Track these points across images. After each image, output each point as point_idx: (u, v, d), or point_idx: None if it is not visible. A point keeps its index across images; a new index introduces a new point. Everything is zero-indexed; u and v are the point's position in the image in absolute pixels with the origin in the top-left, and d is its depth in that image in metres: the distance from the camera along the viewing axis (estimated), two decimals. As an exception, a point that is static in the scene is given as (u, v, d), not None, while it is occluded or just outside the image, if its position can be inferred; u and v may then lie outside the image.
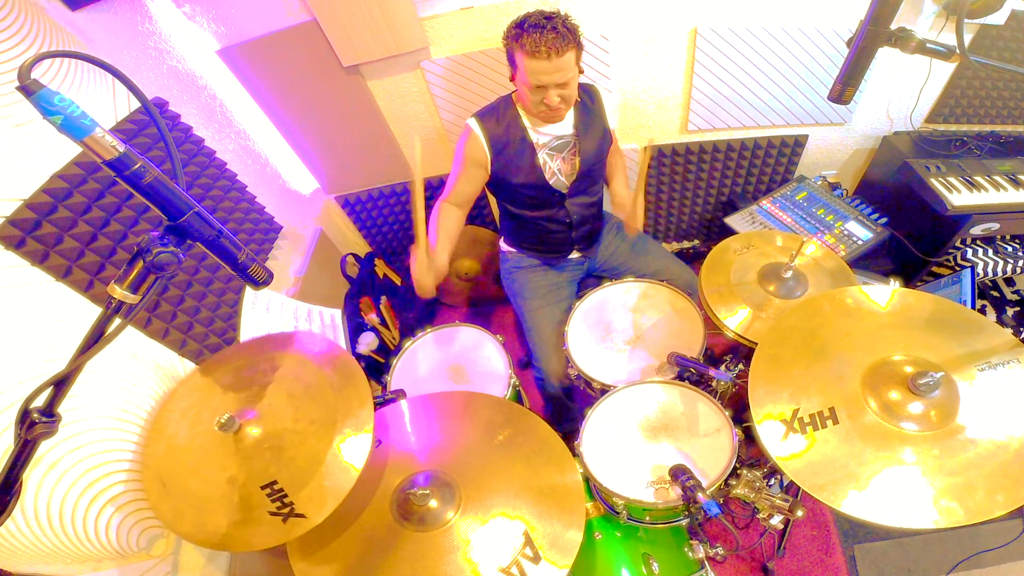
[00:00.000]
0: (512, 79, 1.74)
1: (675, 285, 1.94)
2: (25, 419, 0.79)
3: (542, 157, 1.86)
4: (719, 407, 1.54)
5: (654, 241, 2.21)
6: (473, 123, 1.83)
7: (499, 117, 1.82)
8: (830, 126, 2.48)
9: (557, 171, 1.90)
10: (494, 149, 1.83)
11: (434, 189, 2.74)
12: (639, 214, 1.85)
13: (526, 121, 1.82)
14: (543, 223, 2.02)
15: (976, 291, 2.00)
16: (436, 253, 1.76)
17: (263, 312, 1.70)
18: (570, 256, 2.17)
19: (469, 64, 2.19)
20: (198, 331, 1.73)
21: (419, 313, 2.96)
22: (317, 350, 1.46)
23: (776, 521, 1.40)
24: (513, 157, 1.84)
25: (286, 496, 1.20)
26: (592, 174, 1.97)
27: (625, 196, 2.00)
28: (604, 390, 1.68)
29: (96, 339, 0.80)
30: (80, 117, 0.69)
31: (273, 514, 1.19)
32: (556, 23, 1.55)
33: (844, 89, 1.25)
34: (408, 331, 2.58)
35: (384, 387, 1.83)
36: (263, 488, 1.21)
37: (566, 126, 1.86)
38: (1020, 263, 2.16)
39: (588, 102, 1.89)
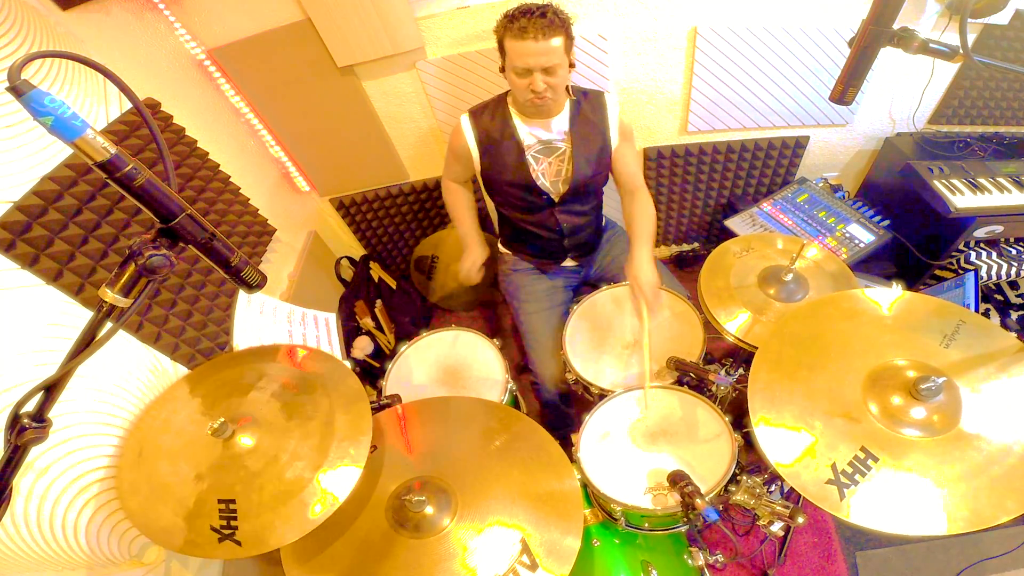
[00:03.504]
0: (502, 70, 1.72)
1: None
2: (15, 424, 0.77)
3: (528, 157, 1.84)
4: (718, 412, 1.53)
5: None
6: (464, 120, 1.86)
7: (492, 114, 1.83)
8: (831, 127, 2.46)
9: (541, 174, 1.87)
10: (481, 145, 1.85)
11: (431, 191, 2.74)
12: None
13: (516, 120, 1.81)
14: (535, 229, 2.01)
15: (980, 295, 1.98)
16: (469, 237, 2.12)
17: (256, 316, 1.68)
18: (564, 264, 2.16)
19: (465, 64, 2.17)
20: (191, 335, 1.72)
21: (414, 317, 2.94)
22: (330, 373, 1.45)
23: (777, 528, 1.38)
24: (501, 154, 1.84)
25: (235, 519, 1.18)
26: (586, 188, 1.92)
27: (645, 269, 1.81)
28: (602, 395, 1.67)
29: (87, 343, 0.79)
30: (71, 118, 0.67)
31: (213, 529, 1.17)
32: (546, 10, 1.58)
33: (846, 90, 1.24)
34: (403, 335, 2.57)
35: (379, 392, 1.82)
36: (220, 502, 1.20)
37: (556, 130, 1.82)
38: (1024, 266, 2.15)
39: (588, 109, 1.82)
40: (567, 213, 1.96)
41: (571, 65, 1.69)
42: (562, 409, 2.04)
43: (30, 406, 0.78)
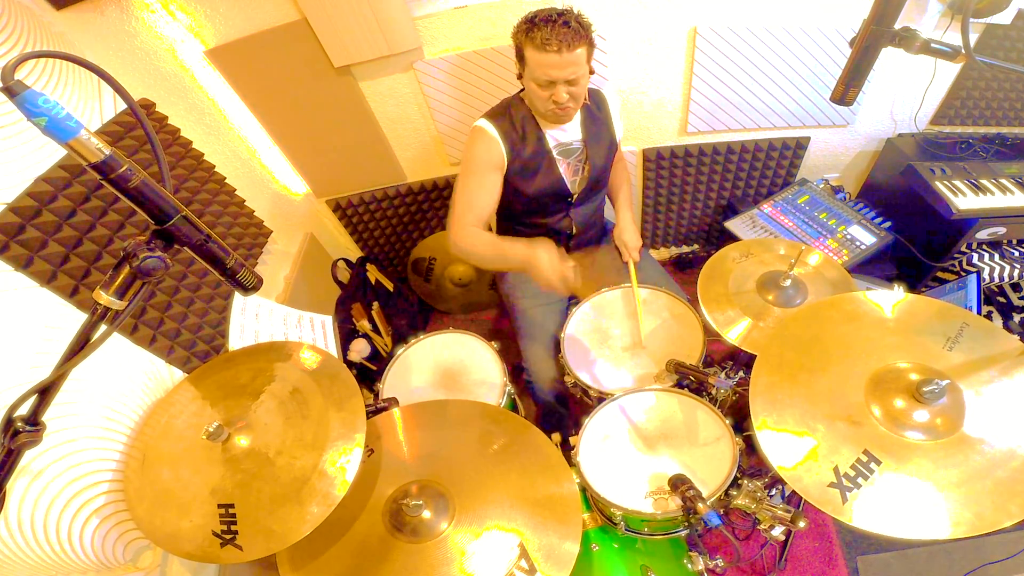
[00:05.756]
0: (520, 76, 1.70)
1: None
2: (9, 428, 0.77)
3: (556, 160, 1.83)
4: (719, 415, 1.51)
5: (650, 258, 2.17)
6: (485, 123, 1.75)
7: (512, 118, 1.76)
8: (832, 128, 2.45)
9: (563, 175, 1.86)
10: (511, 151, 1.76)
11: (428, 192, 2.73)
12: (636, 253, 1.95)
13: (540, 123, 1.78)
14: (542, 230, 1.99)
15: (982, 297, 1.97)
16: (526, 245, 1.57)
17: (252, 318, 1.67)
18: None
19: (463, 65, 2.16)
20: (186, 338, 1.71)
21: (412, 320, 2.93)
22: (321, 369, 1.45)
23: (778, 532, 1.38)
24: (529, 161, 1.79)
25: (234, 523, 1.18)
26: (599, 183, 1.95)
27: (629, 230, 2.02)
28: (601, 398, 1.65)
29: (81, 346, 0.78)
30: (65, 119, 0.67)
31: (215, 534, 1.17)
32: (568, 18, 1.52)
33: (847, 90, 1.23)
34: (400, 338, 2.56)
35: (376, 395, 1.80)
36: (220, 507, 1.20)
37: (574, 133, 1.82)
38: (1027, 268, 2.13)
39: (595, 108, 1.85)
40: (580, 213, 1.97)
41: (591, 71, 1.66)
42: (557, 409, 2.03)
43: (24, 409, 0.78)
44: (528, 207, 1.93)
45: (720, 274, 1.79)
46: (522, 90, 1.78)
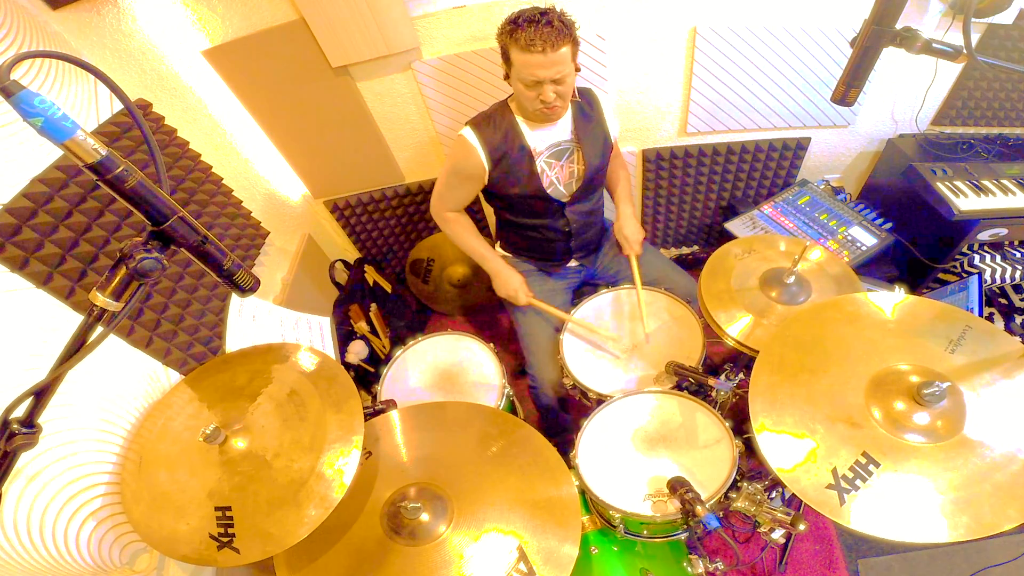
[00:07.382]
0: (506, 77, 1.70)
1: (675, 293, 1.90)
2: (4, 430, 0.77)
3: (540, 165, 1.82)
4: (719, 418, 1.51)
5: (653, 249, 2.17)
6: (469, 133, 1.78)
7: (496, 124, 1.78)
8: (833, 128, 2.44)
9: (555, 179, 1.85)
10: (492, 159, 1.78)
11: (426, 193, 2.72)
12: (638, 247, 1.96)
13: (523, 127, 1.78)
14: (541, 231, 1.99)
15: (983, 298, 1.96)
16: (496, 262, 1.98)
17: (249, 320, 1.67)
18: (568, 264, 2.14)
19: (462, 65, 2.15)
20: (182, 340, 1.70)
21: (410, 321, 2.93)
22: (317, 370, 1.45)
23: (778, 535, 1.37)
24: (512, 166, 1.80)
25: (232, 526, 1.18)
26: (594, 182, 1.94)
27: (630, 224, 2.00)
28: (600, 400, 1.65)
29: (77, 348, 0.78)
30: (61, 119, 0.66)
31: (212, 537, 1.17)
32: (551, 17, 1.53)
33: (848, 90, 1.23)
34: (398, 339, 2.55)
35: (374, 397, 1.80)
36: (217, 509, 1.20)
37: (564, 132, 1.82)
38: (1029, 269, 2.12)
39: (586, 107, 1.84)
40: (576, 212, 1.95)
41: (576, 69, 1.67)
42: (560, 414, 2.02)
43: (20, 411, 0.77)
44: (520, 209, 1.93)
45: (722, 271, 1.77)
46: (512, 94, 1.78)
